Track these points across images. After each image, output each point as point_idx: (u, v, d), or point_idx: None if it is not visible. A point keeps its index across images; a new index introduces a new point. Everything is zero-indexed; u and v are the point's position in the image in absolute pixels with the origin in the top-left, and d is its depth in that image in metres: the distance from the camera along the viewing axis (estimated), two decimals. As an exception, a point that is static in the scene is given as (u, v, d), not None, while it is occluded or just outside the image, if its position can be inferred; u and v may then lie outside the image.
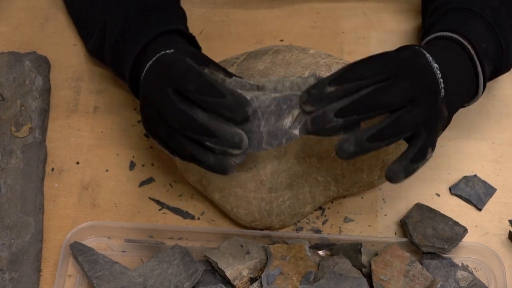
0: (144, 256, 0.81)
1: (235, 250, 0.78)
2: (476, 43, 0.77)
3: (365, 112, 0.67)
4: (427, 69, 0.70)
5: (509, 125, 0.91)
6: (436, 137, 0.71)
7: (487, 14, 0.80)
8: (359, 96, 0.67)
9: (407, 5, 1.02)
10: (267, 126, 0.69)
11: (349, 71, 0.68)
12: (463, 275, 0.78)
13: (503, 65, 0.82)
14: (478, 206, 0.85)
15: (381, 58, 0.70)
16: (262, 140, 0.70)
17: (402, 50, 0.72)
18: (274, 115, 0.69)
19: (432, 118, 0.70)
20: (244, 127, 0.69)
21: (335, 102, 0.67)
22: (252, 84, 0.72)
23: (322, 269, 0.76)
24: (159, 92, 0.71)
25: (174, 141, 0.71)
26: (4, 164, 0.85)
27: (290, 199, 0.81)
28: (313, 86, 0.68)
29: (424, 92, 0.69)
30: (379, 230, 0.83)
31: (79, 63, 0.97)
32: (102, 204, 0.85)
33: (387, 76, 0.68)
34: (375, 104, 0.67)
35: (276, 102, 0.69)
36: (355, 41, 0.99)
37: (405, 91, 0.68)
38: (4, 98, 0.90)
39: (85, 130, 0.91)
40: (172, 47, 0.76)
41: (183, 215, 0.85)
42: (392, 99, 0.67)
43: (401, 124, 0.68)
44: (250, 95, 0.70)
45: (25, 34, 1.00)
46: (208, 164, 0.70)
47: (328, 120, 0.66)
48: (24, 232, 0.81)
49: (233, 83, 0.72)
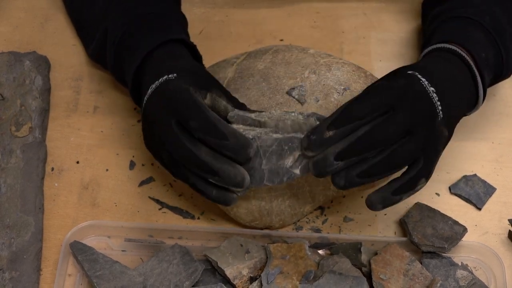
0: (144, 255, 0.81)
1: (235, 250, 0.78)
2: (476, 53, 0.78)
3: (364, 152, 0.68)
4: (423, 95, 0.71)
5: (509, 125, 0.91)
6: (434, 164, 0.72)
7: (487, 22, 0.81)
8: (356, 137, 0.68)
9: (407, 5, 1.02)
10: (269, 164, 0.71)
11: (346, 112, 0.69)
12: (463, 274, 0.78)
13: (503, 72, 0.83)
14: (477, 206, 0.85)
15: (375, 93, 0.70)
16: (264, 176, 0.72)
17: (396, 78, 0.72)
18: (275, 154, 0.71)
19: (431, 145, 0.71)
20: (246, 165, 0.71)
21: (334, 146, 0.68)
22: (254, 119, 0.73)
23: (322, 268, 0.76)
24: (162, 123, 0.72)
25: (177, 169, 0.73)
26: (4, 163, 0.85)
27: (290, 199, 0.81)
28: (313, 131, 0.70)
29: (421, 121, 0.70)
30: (379, 230, 0.83)
31: (79, 63, 0.97)
32: (102, 204, 0.85)
33: (384, 110, 0.69)
34: (373, 143, 0.68)
35: (278, 142, 0.71)
36: (355, 41, 0.99)
37: (402, 125, 0.69)
38: (4, 98, 0.90)
39: (85, 129, 0.91)
40: (175, 69, 0.76)
41: (183, 214, 0.85)
42: (389, 136, 0.69)
43: (394, 159, 0.69)
44: (252, 133, 0.71)
45: (25, 34, 1.00)
46: (211, 196, 0.73)
47: (329, 164, 0.68)
48: (24, 231, 0.81)
49: (235, 117, 0.74)
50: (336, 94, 0.82)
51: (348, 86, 0.82)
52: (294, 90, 0.82)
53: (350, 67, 0.84)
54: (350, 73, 0.84)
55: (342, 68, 0.84)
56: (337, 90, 0.82)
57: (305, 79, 0.83)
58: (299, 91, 0.82)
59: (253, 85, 0.84)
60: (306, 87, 0.82)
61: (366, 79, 0.84)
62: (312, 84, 0.82)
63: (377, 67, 0.96)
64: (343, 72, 0.83)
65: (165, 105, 0.73)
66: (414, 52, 0.98)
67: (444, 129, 0.72)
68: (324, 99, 0.81)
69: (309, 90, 0.82)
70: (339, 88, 0.82)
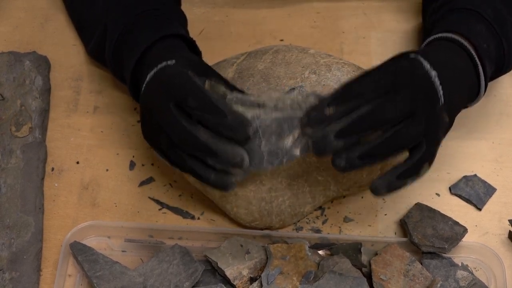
0: (144, 255, 0.81)
1: (235, 250, 0.78)
2: (477, 43, 0.77)
3: (365, 131, 0.68)
4: (425, 78, 0.70)
5: (509, 125, 0.91)
6: (436, 148, 0.72)
7: (488, 14, 0.80)
8: (357, 115, 0.67)
9: (407, 5, 1.02)
10: (268, 145, 0.70)
11: (347, 90, 0.68)
12: (463, 275, 0.78)
13: (505, 65, 0.82)
14: (478, 206, 0.85)
15: (377, 73, 0.70)
16: (263, 158, 0.71)
17: (398, 61, 0.71)
18: (275, 134, 0.70)
19: (432, 129, 0.70)
20: (245, 146, 0.69)
21: (334, 124, 0.67)
22: (253, 100, 0.72)
23: (322, 268, 0.76)
24: (160, 106, 0.72)
25: (175, 154, 0.72)
26: (4, 163, 0.85)
27: (290, 199, 0.81)
28: (313, 108, 0.69)
29: (423, 103, 0.69)
30: (379, 230, 0.83)
31: (79, 63, 0.97)
32: (102, 204, 0.85)
33: (385, 90, 0.68)
34: (374, 122, 0.68)
35: (277, 122, 0.70)
36: (355, 41, 0.99)
37: (403, 105, 0.68)
38: (4, 98, 0.90)
39: (85, 130, 0.91)
40: (173, 57, 0.76)
41: (183, 214, 0.85)
42: (391, 115, 0.68)
43: (396, 141, 0.68)
44: (251, 113, 0.70)
45: (25, 34, 1.00)
46: (209, 180, 0.71)
47: (329, 142, 0.67)
48: (24, 231, 0.81)
49: (234, 100, 0.73)
50: (336, 95, 0.82)
51: (348, 87, 0.82)
52: (294, 91, 0.82)
53: (350, 67, 0.84)
54: (350, 73, 0.84)
55: (342, 69, 0.84)
56: (337, 90, 0.82)
57: (305, 79, 0.83)
58: (299, 92, 0.82)
59: (253, 85, 0.84)
60: (306, 88, 0.82)
61: (366, 79, 0.84)
62: (312, 84, 0.82)
63: (377, 67, 0.96)
64: (343, 72, 0.83)
65: (164, 89, 0.72)
66: (414, 52, 0.98)
67: (445, 115, 0.71)
68: (324, 99, 0.81)
69: (309, 90, 0.82)
70: (339, 88, 0.82)
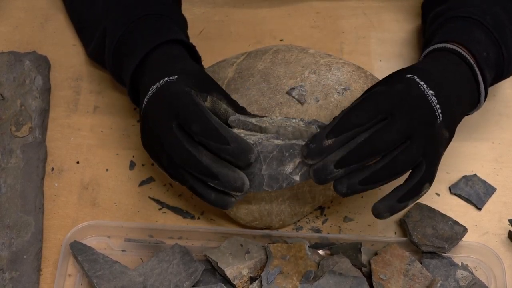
0: (144, 255, 0.81)
1: (235, 250, 0.78)
2: (477, 52, 0.78)
3: (364, 159, 0.69)
4: (421, 99, 0.70)
5: (509, 125, 0.91)
6: (436, 168, 0.72)
7: (487, 21, 0.80)
8: (355, 144, 0.68)
9: (407, 5, 1.02)
10: (269, 170, 0.71)
11: (345, 120, 0.69)
12: (463, 275, 0.78)
13: (504, 72, 0.82)
14: (478, 206, 0.85)
15: (373, 99, 0.70)
16: (263, 182, 0.72)
17: (394, 83, 0.72)
18: (276, 160, 0.71)
19: (431, 149, 0.71)
20: (246, 170, 0.71)
21: (333, 154, 0.69)
22: (255, 124, 0.73)
23: (322, 268, 0.76)
24: (162, 126, 0.72)
25: (176, 172, 0.73)
26: (4, 163, 0.85)
27: (290, 199, 0.81)
28: (312, 139, 0.70)
29: (420, 125, 0.70)
30: (379, 230, 0.83)
31: (79, 63, 0.97)
32: (102, 204, 0.85)
33: (382, 116, 0.69)
34: (373, 150, 0.69)
35: (279, 148, 0.71)
36: (355, 41, 0.99)
37: (401, 131, 0.69)
38: (4, 98, 0.90)
39: (85, 129, 0.91)
40: (174, 71, 0.76)
41: (183, 214, 0.85)
42: (388, 142, 0.69)
43: (395, 166, 0.69)
44: (253, 138, 0.71)
45: (25, 34, 1.00)
46: (210, 199, 0.73)
47: (329, 172, 0.69)
48: (24, 231, 0.81)
49: (236, 122, 0.74)
50: (336, 94, 0.82)
51: (348, 86, 0.82)
52: (294, 90, 0.82)
53: (350, 67, 0.84)
54: (350, 73, 0.84)
55: (342, 68, 0.84)
56: (337, 90, 0.82)
57: (305, 79, 0.83)
58: (299, 91, 0.82)
59: (253, 85, 0.84)
60: (306, 87, 0.82)
61: (366, 79, 0.84)
62: (312, 84, 0.82)
63: (377, 67, 0.96)
64: (343, 72, 0.83)
65: (166, 108, 0.73)
66: (414, 52, 0.98)
67: (445, 131, 0.72)
68: (324, 99, 0.81)
69: (309, 90, 0.82)
70: (339, 88, 0.82)
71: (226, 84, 0.85)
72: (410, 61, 0.97)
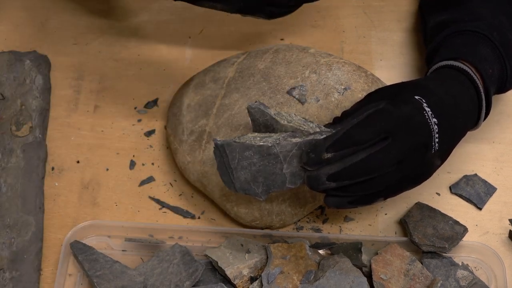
0: (145, 255, 0.81)
1: (236, 249, 0.78)
2: (484, 71, 0.79)
3: (356, 177, 0.70)
4: (423, 128, 0.71)
5: (509, 124, 0.91)
6: (404, 190, 0.74)
7: (494, 37, 0.81)
8: (351, 163, 0.70)
9: (407, 4, 1.02)
10: (290, 168, 0.72)
11: (346, 137, 0.70)
12: (464, 274, 0.78)
13: (506, 86, 0.83)
14: (478, 205, 0.85)
15: (378, 119, 0.71)
16: (286, 180, 0.72)
17: (402, 104, 0.72)
18: (296, 157, 0.71)
19: (415, 174, 0.73)
20: (266, 170, 0.72)
21: (328, 167, 0.70)
22: (273, 117, 0.74)
23: (322, 268, 0.76)
24: None
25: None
26: (5, 163, 0.85)
27: (290, 198, 0.81)
28: (313, 149, 0.70)
29: (414, 154, 0.71)
30: (379, 229, 0.83)
31: (79, 62, 0.97)
32: (102, 203, 0.85)
33: (383, 135, 0.70)
34: (366, 171, 0.70)
35: (298, 146, 0.71)
36: (355, 40, 0.99)
37: (396, 157, 0.70)
38: (5, 97, 0.90)
39: (86, 129, 0.91)
40: None
41: (183, 214, 0.85)
42: (383, 166, 0.70)
43: (383, 189, 0.71)
44: (270, 140, 0.71)
45: (25, 33, 1.00)
46: None
47: (321, 183, 0.70)
48: (24, 231, 0.81)
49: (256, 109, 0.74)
50: (336, 94, 0.82)
51: (348, 86, 0.82)
52: (295, 90, 0.82)
53: (350, 66, 0.84)
54: (351, 72, 0.84)
55: (342, 68, 0.84)
56: (337, 89, 0.82)
57: (305, 78, 0.83)
58: (300, 91, 0.82)
59: (254, 85, 0.84)
60: (306, 87, 0.82)
61: (367, 78, 0.84)
62: (312, 83, 0.82)
63: (378, 66, 0.96)
64: (343, 71, 0.83)
65: None
66: (415, 52, 0.98)
67: (437, 160, 0.73)
68: (325, 98, 0.81)
69: (309, 89, 0.82)
70: (340, 87, 0.82)
71: (226, 84, 0.85)
72: (411, 60, 0.97)
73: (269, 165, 0.71)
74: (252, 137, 0.72)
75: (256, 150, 0.71)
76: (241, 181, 0.72)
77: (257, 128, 0.75)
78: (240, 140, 0.71)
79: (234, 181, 0.73)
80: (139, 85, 0.95)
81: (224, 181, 0.74)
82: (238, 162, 0.71)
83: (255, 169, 0.72)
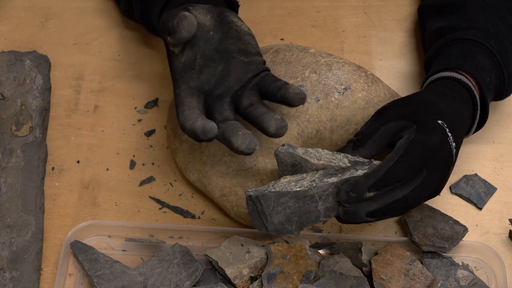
0: (145, 255, 0.81)
1: (236, 249, 0.78)
2: (482, 81, 0.80)
3: (397, 213, 0.72)
4: (450, 155, 0.74)
5: (509, 124, 0.91)
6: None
7: (492, 45, 0.81)
8: (393, 199, 0.70)
9: (407, 4, 1.02)
10: (325, 204, 0.72)
11: (389, 175, 0.70)
12: (464, 274, 0.78)
13: (503, 94, 0.84)
14: (478, 205, 0.85)
15: (417, 153, 0.71)
16: (320, 215, 0.72)
17: (430, 133, 0.73)
18: (331, 195, 0.72)
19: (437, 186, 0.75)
20: (301, 210, 0.72)
21: (367, 203, 0.70)
22: (302, 157, 0.73)
23: (322, 268, 0.76)
24: None
25: None
26: (5, 163, 0.85)
27: (290, 198, 0.81)
28: (353, 187, 0.70)
29: (440, 174, 0.73)
30: (380, 229, 0.83)
31: (80, 62, 0.97)
32: (102, 203, 0.85)
33: (419, 169, 0.71)
34: (407, 206, 0.71)
35: (334, 185, 0.71)
36: (356, 40, 0.99)
37: (434, 187, 0.73)
38: (5, 97, 0.90)
39: (86, 129, 0.91)
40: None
41: (183, 214, 0.85)
42: (422, 199, 0.73)
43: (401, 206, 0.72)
44: (306, 184, 0.71)
45: (25, 33, 1.00)
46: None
47: (360, 218, 0.71)
48: (24, 231, 0.81)
49: (284, 154, 0.73)
50: (336, 94, 0.82)
51: (348, 86, 0.82)
52: None
53: (350, 66, 0.84)
54: (351, 72, 0.84)
55: (342, 68, 0.84)
56: (337, 89, 0.82)
57: (305, 78, 0.83)
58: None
59: (254, 85, 0.84)
60: (306, 87, 0.82)
61: (367, 78, 0.84)
62: (312, 83, 0.82)
63: (378, 66, 0.96)
64: (343, 71, 0.83)
65: None
66: (414, 52, 0.98)
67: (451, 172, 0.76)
68: (325, 98, 0.81)
69: (309, 89, 0.82)
70: (340, 87, 0.82)
71: (226, 84, 0.85)
72: (411, 60, 0.97)
73: (304, 205, 0.72)
74: (287, 183, 0.72)
75: (292, 196, 0.71)
76: (275, 224, 0.73)
77: (284, 168, 0.74)
78: (275, 189, 0.71)
79: (267, 225, 0.73)
80: (139, 85, 0.95)
81: (255, 225, 0.74)
82: (273, 208, 0.72)
83: (290, 212, 0.72)
